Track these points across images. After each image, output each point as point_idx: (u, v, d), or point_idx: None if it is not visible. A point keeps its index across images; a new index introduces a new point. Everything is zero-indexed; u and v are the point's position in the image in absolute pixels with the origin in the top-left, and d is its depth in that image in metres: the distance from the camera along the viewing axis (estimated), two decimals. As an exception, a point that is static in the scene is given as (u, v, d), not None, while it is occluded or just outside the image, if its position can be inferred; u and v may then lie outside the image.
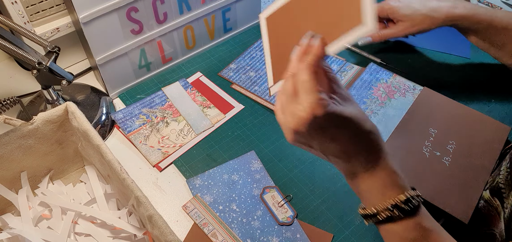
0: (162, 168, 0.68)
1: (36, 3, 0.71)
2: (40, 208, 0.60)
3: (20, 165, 0.60)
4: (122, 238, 0.58)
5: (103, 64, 0.74)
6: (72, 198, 0.62)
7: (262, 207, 0.62)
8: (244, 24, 0.92)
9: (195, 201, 0.63)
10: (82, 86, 0.79)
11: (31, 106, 0.73)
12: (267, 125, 0.74)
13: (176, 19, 0.79)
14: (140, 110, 0.76)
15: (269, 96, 0.78)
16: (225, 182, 0.65)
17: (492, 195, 0.57)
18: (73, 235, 0.58)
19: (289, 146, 0.71)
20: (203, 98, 0.78)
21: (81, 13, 0.67)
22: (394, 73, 0.82)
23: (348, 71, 0.83)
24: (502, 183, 0.56)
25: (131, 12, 0.72)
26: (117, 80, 0.78)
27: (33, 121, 0.57)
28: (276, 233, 0.59)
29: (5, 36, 0.62)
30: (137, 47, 0.77)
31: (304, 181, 0.66)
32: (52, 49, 0.65)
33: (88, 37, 0.70)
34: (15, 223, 0.57)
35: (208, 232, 0.59)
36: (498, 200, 0.55)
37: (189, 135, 0.72)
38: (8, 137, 0.56)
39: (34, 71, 0.63)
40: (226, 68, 0.84)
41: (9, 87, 0.80)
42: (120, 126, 0.73)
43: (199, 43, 0.86)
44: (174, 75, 0.83)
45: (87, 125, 0.57)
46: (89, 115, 0.72)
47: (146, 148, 0.70)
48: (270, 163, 0.68)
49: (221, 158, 0.69)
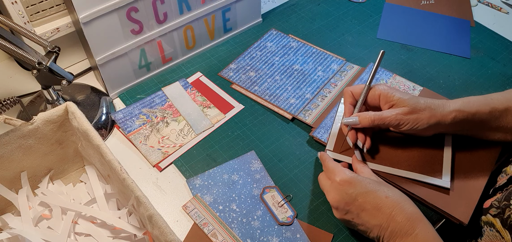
0: (162, 168, 0.68)
1: (36, 3, 0.71)
2: (40, 208, 0.60)
3: (20, 165, 0.60)
4: (122, 238, 0.58)
5: (103, 64, 0.74)
6: (72, 198, 0.62)
7: (262, 207, 0.62)
8: (244, 24, 0.92)
9: (195, 201, 0.63)
10: (82, 86, 0.79)
11: (31, 106, 0.73)
12: (267, 125, 0.74)
13: (176, 19, 0.79)
14: (140, 110, 0.76)
15: (269, 97, 0.78)
16: (225, 182, 0.65)
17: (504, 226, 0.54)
18: (73, 235, 0.58)
19: (289, 145, 0.71)
20: (203, 98, 0.78)
21: (81, 13, 0.67)
22: (394, 73, 0.82)
23: (348, 71, 0.83)
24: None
25: (131, 12, 0.72)
26: (117, 80, 0.78)
27: (33, 121, 0.57)
28: (276, 233, 0.59)
29: (5, 36, 0.62)
30: (137, 47, 0.77)
31: (304, 181, 0.66)
32: (52, 49, 0.65)
33: (88, 37, 0.70)
34: (15, 223, 0.57)
35: (208, 232, 0.59)
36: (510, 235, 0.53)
37: (189, 135, 0.72)
38: (8, 137, 0.56)
39: (34, 71, 0.63)
40: (226, 68, 0.84)
41: (9, 87, 0.80)
42: (120, 126, 0.73)
43: (199, 43, 0.86)
44: (174, 75, 0.83)
45: (87, 125, 0.57)
46: (89, 115, 0.72)
47: (146, 148, 0.70)
48: (270, 163, 0.68)
49: (221, 158, 0.69)
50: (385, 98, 0.62)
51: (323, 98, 0.78)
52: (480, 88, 0.80)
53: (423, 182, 0.62)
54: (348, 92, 0.66)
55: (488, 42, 0.90)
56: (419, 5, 0.99)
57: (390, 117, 0.60)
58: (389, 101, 0.62)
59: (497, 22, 0.95)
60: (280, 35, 0.91)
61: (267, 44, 0.89)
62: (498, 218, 0.55)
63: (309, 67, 0.84)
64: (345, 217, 0.56)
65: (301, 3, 1.00)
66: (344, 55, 0.87)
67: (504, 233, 0.53)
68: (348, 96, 0.66)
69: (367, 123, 0.61)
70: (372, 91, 0.64)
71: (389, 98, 0.62)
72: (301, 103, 0.77)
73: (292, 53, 0.87)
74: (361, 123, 0.62)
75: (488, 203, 0.59)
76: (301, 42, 0.89)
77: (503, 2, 1.01)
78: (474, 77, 0.83)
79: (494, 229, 0.55)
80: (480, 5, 1.00)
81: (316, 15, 0.97)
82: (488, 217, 0.57)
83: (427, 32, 0.92)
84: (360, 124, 0.62)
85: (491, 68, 0.84)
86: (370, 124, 0.61)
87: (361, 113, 0.62)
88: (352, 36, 0.92)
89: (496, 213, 0.56)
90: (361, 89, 0.65)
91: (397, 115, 0.60)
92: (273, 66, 0.84)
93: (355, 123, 0.62)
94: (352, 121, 0.63)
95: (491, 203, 0.58)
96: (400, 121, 0.60)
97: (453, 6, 0.98)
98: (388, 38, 0.91)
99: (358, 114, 0.63)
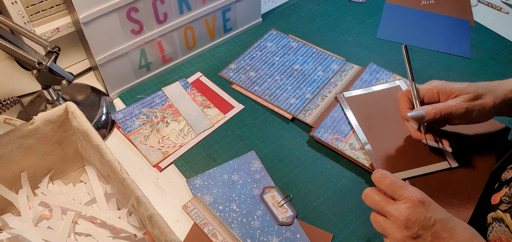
0: (162, 168, 0.68)
1: (36, 3, 0.71)
2: (40, 208, 0.60)
3: (20, 165, 0.60)
4: (122, 238, 0.58)
5: (103, 64, 0.74)
6: (72, 198, 0.62)
7: (262, 207, 0.62)
8: (244, 24, 0.92)
9: (195, 201, 0.63)
10: (82, 86, 0.79)
11: (31, 106, 0.73)
12: (267, 125, 0.74)
13: (176, 19, 0.79)
14: (140, 110, 0.76)
15: (269, 97, 0.78)
16: (225, 182, 0.65)
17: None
18: (73, 235, 0.58)
19: (289, 146, 0.71)
20: (203, 98, 0.78)
21: (81, 13, 0.67)
22: (394, 73, 0.82)
23: (348, 71, 0.83)
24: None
25: (131, 12, 0.72)
26: (117, 80, 0.78)
27: (33, 121, 0.58)
28: (276, 233, 0.59)
29: (5, 36, 0.62)
30: (137, 47, 0.77)
31: (304, 181, 0.66)
32: (52, 49, 0.65)
33: (88, 37, 0.70)
34: (15, 223, 0.57)
35: (208, 232, 0.59)
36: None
37: (189, 135, 0.72)
38: (8, 137, 0.56)
39: (34, 71, 0.63)
40: (226, 68, 0.84)
41: (9, 87, 0.80)
42: (120, 126, 0.73)
43: (199, 43, 0.86)
44: (174, 75, 0.83)
45: (87, 125, 0.57)
46: (89, 115, 0.72)
47: (146, 148, 0.70)
48: (270, 163, 0.68)
49: (221, 158, 0.69)
50: (445, 93, 0.62)
51: (323, 98, 0.78)
52: (480, 88, 0.80)
53: (436, 172, 0.64)
54: (403, 97, 0.64)
55: (488, 42, 0.90)
56: (419, 5, 0.99)
57: (456, 106, 0.59)
58: (450, 94, 0.62)
59: (497, 22, 0.95)
60: (280, 35, 0.91)
61: (267, 44, 0.89)
62: (509, 213, 0.54)
63: (309, 67, 0.84)
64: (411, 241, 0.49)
65: (301, 3, 1.00)
66: (344, 55, 0.87)
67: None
68: (403, 102, 0.64)
69: (433, 114, 0.60)
70: (429, 90, 0.63)
71: (450, 91, 0.61)
72: (301, 103, 0.77)
73: (292, 53, 0.87)
74: (427, 115, 0.60)
75: (497, 199, 0.58)
76: (301, 42, 0.89)
77: (503, 2, 1.01)
78: (474, 77, 0.83)
79: (503, 224, 0.54)
80: (480, 5, 1.00)
81: (316, 15, 0.97)
82: (497, 213, 0.56)
83: (427, 32, 0.92)
84: (426, 116, 0.60)
85: (491, 68, 0.84)
86: (437, 114, 0.60)
87: (426, 107, 0.61)
88: (352, 36, 0.92)
89: (507, 208, 0.55)
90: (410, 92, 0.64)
91: (462, 102, 0.59)
92: (273, 66, 0.84)
93: (421, 115, 0.60)
94: (417, 114, 0.60)
95: (500, 198, 0.57)
96: (468, 107, 0.59)
97: (453, 6, 0.98)
98: (388, 38, 0.91)
99: (422, 108, 0.61)
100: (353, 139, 0.70)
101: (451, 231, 0.48)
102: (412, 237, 0.48)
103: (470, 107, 0.60)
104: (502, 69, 0.84)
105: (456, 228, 0.48)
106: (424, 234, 0.48)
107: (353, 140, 0.70)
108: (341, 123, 0.73)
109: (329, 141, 0.70)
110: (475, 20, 0.95)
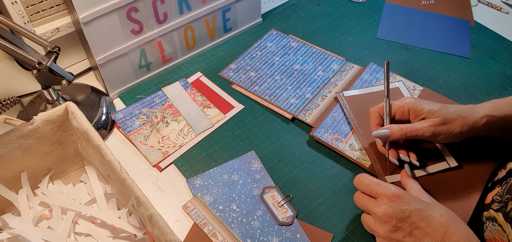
0: (162, 168, 0.68)
1: (36, 3, 0.71)
2: (40, 208, 0.60)
3: (20, 165, 0.60)
4: (122, 238, 0.58)
5: (103, 64, 0.74)
6: (72, 198, 0.62)
7: (262, 207, 0.62)
8: (244, 24, 0.92)
9: (195, 201, 0.63)
10: (82, 86, 0.79)
11: (31, 106, 0.73)
12: (267, 125, 0.74)
13: (176, 19, 0.79)
14: (140, 110, 0.76)
15: (269, 97, 0.78)
16: (225, 182, 0.65)
17: (506, 219, 0.54)
18: (73, 235, 0.58)
19: (289, 146, 0.71)
20: (203, 98, 0.78)
21: (81, 13, 0.67)
22: (394, 73, 0.82)
23: (348, 71, 0.83)
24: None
25: (131, 12, 0.72)
26: (117, 80, 0.78)
27: (33, 121, 0.58)
28: (276, 233, 0.59)
29: (5, 36, 0.62)
30: (137, 47, 0.77)
31: (304, 181, 0.66)
32: (52, 49, 0.65)
33: (88, 37, 0.70)
34: (15, 223, 0.57)
35: (208, 232, 0.59)
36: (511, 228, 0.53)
37: (189, 135, 0.72)
38: (8, 137, 0.56)
39: (34, 71, 0.63)
40: (226, 68, 0.84)
41: (9, 87, 0.80)
42: (120, 126, 0.73)
43: (199, 43, 0.86)
44: (174, 75, 0.83)
45: (87, 125, 0.57)
46: (89, 115, 0.72)
47: (146, 148, 0.70)
48: (270, 163, 0.68)
49: (221, 158, 0.69)
50: (414, 112, 0.62)
51: (323, 98, 0.78)
52: (480, 89, 0.80)
53: (436, 172, 0.64)
54: (374, 112, 0.65)
55: (488, 42, 0.90)
56: (419, 5, 0.99)
57: (423, 129, 0.60)
58: (419, 115, 0.62)
59: (497, 22, 0.95)
60: (280, 35, 0.91)
61: (267, 44, 0.89)
62: (501, 212, 0.55)
63: (309, 67, 0.84)
64: (393, 235, 0.52)
65: (301, 3, 1.00)
66: (344, 55, 0.87)
67: (506, 226, 0.53)
68: (374, 117, 0.65)
69: (398, 134, 0.61)
70: (400, 107, 0.64)
71: (419, 112, 0.62)
72: (301, 103, 0.77)
73: (292, 53, 0.87)
74: (392, 135, 0.61)
75: (489, 198, 0.59)
76: (301, 42, 0.89)
77: (503, 2, 1.01)
78: (474, 77, 0.83)
79: (496, 223, 0.55)
80: (480, 5, 1.00)
81: (316, 15, 0.97)
82: (490, 212, 0.57)
83: (427, 32, 0.92)
84: (391, 136, 0.61)
85: (491, 68, 0.84)
86: (402, 135, 0.61)
87: (392, 125, 0.62)
88: (352, 36, 0.92)
89: (498, 207, 0.56)
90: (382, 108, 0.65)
91: (429, 127, 0.60)
92: (273, 66, 0.84)
93: (386, 135, 0.61)
94: (382, 133, 0.61)
95: (492, 198, 0.58)
96: (434, 132, 0.60)
97: (453, 6, 0.98)
98: (388, 38, 0.91)
99: (388, 127, 0.62)
100: (353, 139, 0.70)
101: (427, 220, 0.51)
102: (392, 230, 0.52)
103: (436, 132, 0.60)
104: (502, 69, 0.84)
105: (433, 216, 0.51)
106: (402, 225, 0.51)
107: (353, 140, 0.70)
108: (341, 123, 0.73)
109: (329, 141, 0.70)
110: (475, 20, 0.95)
